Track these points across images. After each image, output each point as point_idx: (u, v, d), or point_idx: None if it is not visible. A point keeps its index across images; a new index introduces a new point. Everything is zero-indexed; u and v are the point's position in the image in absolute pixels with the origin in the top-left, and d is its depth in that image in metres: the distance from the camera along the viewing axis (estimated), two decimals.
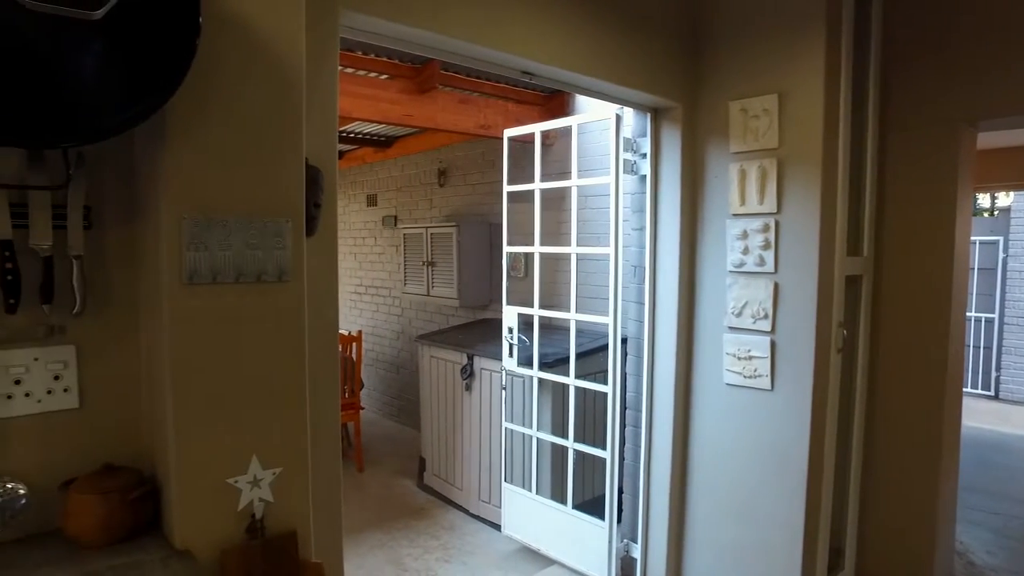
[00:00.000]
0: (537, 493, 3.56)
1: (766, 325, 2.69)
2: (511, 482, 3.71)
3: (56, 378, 1.36)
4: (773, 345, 2.68)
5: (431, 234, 5.04)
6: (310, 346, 1.42)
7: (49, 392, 1.35)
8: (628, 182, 3.15)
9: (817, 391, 2.58)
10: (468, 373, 4.05)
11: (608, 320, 3.14)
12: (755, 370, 2.72)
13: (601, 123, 3.77)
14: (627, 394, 3.26)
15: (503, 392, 3.73)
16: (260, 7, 1.30)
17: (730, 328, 2.83)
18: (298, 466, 1.39)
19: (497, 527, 3.87)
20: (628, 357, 3.24)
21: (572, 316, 3.32)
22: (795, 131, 2.58)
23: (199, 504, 1.29)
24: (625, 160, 3.06)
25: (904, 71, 2.87)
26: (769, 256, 2.67)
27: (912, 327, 2.91)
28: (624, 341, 3.21)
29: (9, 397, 1.31)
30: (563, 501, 3.42)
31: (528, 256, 4.43)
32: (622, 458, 3.26)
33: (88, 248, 1.35)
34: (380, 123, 4.49)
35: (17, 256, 1.27)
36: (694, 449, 3.04)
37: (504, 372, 3.69)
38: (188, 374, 1.26)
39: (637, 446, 3.20)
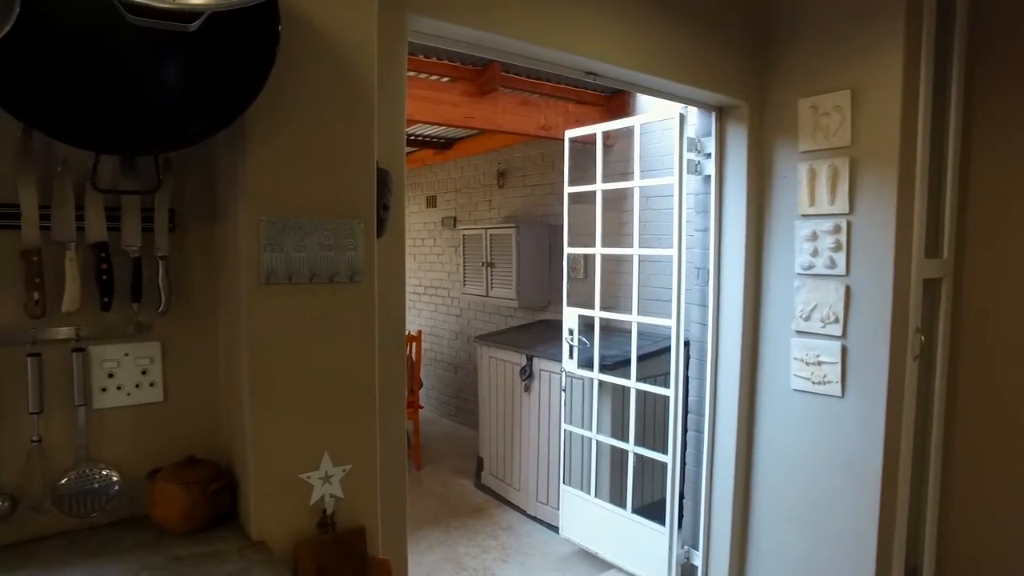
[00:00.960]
0: (596, 496, 3.53)
1: (836, 329, 2.59)
2: (569, 484, 3.70)
3: (143, 373, 1.43)
4: (844, 350, 2.58)
5: (491, 235, 5.07)
6: (378, 345, 1.45)
7: (137, 386, 1.43)
8: (692, 182, 3.10)
9: (892, 400, 2.47)
10: (527, 374, 4.06)
11: (670, 322, 3.09)
12: (824, 376, 2.63)
13: (663, 123, 3.72)
14: (689, 398, 3.20)
15: (563, 394, 3.72)
16: (335, 15, 1.34)
17: (798, 332, 2.74)
18: (367, 463, 1.43)
19: (554, 529, 3.86)
20: (690, 360, 3.19)
21: (634, 318, 3.29)
22: (869, 128, 2.48)
23: (274, 498, 1.34)
24: (689, 160, 3.01)
25: (992, 62, 2.72)
26: (840, 258, 2.57)
27: (1001, 332, 2.74)
28: (686, 344, 3.16)
29: (103, 390, 1.39)
30: (622, 505, 3.38)
31: (588, 258, 4.40)
32: (683, 463, 3.21)
33: (172, 249, 1.42)
34: (441, 125, 4.55)
35: (111, 257, 1.35)
36: (758, 455, 2.96)
37: (564, 374, 3.68)
38: (265, 372, 1.31)
39: (699, 451, 3.14)
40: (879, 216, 2.46)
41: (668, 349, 3.14)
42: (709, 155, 3.01)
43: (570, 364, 3.61)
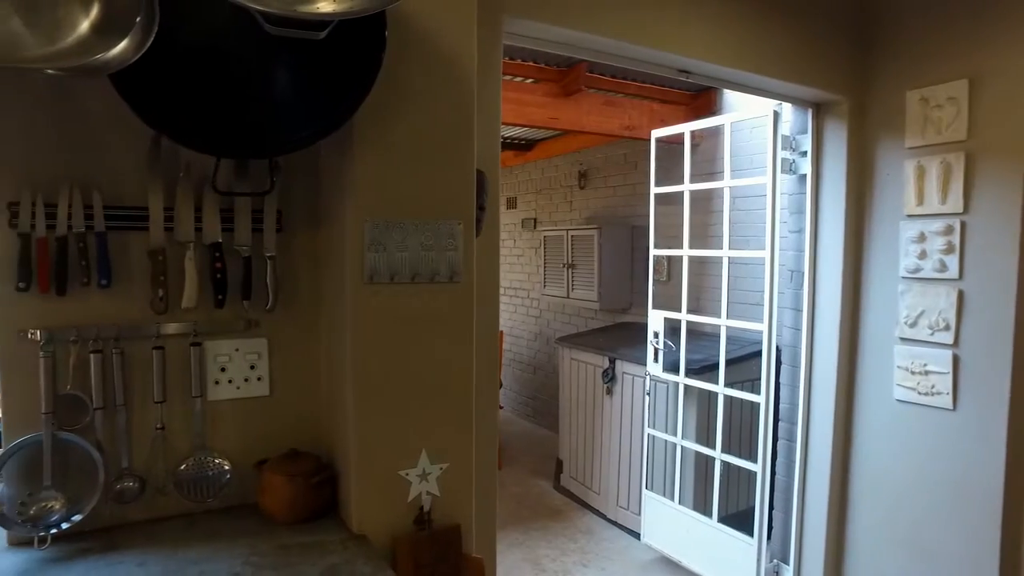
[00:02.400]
0: (679, 503, 3.45)
1: (947, 337, 2.43)
2: (652, 490, 3.63)
3: (252, 367, 1.51)
4: (956, 360, 2.41)
5: (572, 236, 5.05)
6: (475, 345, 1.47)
7: (246, 380, 1.51)
8: (785, 182, 2.98)
9: (1015, 413, 2.29)
10: (609, 377, 4.01)
11: (761, 327, 2.99)
12: (932, 386, 2.47)
13: (752, 121, 3.60)
14: (780, 405, 3.08)
15: (646, 397, 3.66)
16: (436, 18, 1.37)
17: (902, 339, 2.59)
18: (463, 462, 1.45)
19: (635, 534, 3.80)
20: (782, 366, 3.07)
21: (723, 322, 3.19)
22: (991, 120, 2.30)
23: (374, 493, 1.38)
24: (783, 159, 2.90)
25: None
26: (952, 261, 2.41)
27: None
28: (777, 349, 3.04)
29: (216, 382, 1.47)
30: (707, 513, 3.29)
31: (671, 259, 4.32)
32: (773, 472, 3.09)
33: (280, 249, 1.48)
34: (524, 126, 4.56)
35: (225, 257, 1.43)
36: (856, 467, 2.81)
37: (648, 377, 3.62)
38: (367, 369, 1.35)
39: (791, 461, 3.02)
40: (1001, 216, 2.28)
41: (756, 354, 3.04)
42: (804, 153, 2.89)
43: (655, 367, 3.54)
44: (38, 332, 1.27)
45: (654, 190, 3.60)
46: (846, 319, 2.78)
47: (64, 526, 1.27)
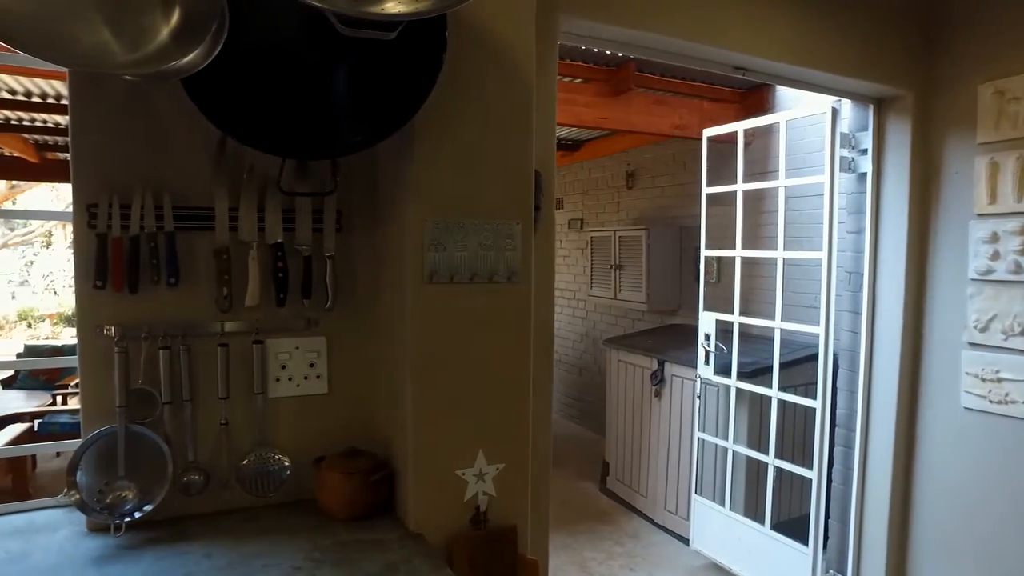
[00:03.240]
0: (730, 508, 3.38)
1: (1022, 343, 2.31)
2: (701, 495, 3.57)
3: (311, 365, 1.54)
4: None
5: (619, 237, 5.01)
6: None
7: (305, 377, 1.53)
8: (844, 181, 2.90)
9: None
10: (658, 379, 3.96)
11: (817, 330, 2.90)
12: (1006, 395, 2.36)
13: (806, 119, 3.50)
14: (837, 411, 2.98)
15: (696, 401, 3.60)
16: (496, 19, 1.37)
17: (971, 344, 2.48)
18: (520, 463, 1.44)
19: (683, 540, 3.74)
20: (838, 370, 2.97)
21: (777, 324, 3.11)
22: None
23: (431, 492, 1.39)
24: (842, 157, 2.81)
25: None
26: None
27: None
28: (834, 353, 2.95)
29: (277, 380, 1.50)
30: (760, 520, 3.21)
31: (720, 260, 4.24)
32: (829, 480, 3.00)
33: (339, 249, 1.50)
34: (573, 127, 4.54)
35: (286, 256, 1.46)
36: (920, 477, 2.70)
37: (699, 380, 3.55)
38: (426, 368, 1.36)
39: (848, 468, 2.92)
40: None
41: (809, 358, 2.95)
42: (864, 151, 2.79)
43: (706, 370, 3.48)
44: (113, 328, 1.32)
45: (706, 190, 3.53)
46: (909, 323, 2.68)
47: (137, 515, 1.32)
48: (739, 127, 3.30)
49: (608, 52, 3.02)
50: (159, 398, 1.37)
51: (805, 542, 2.95)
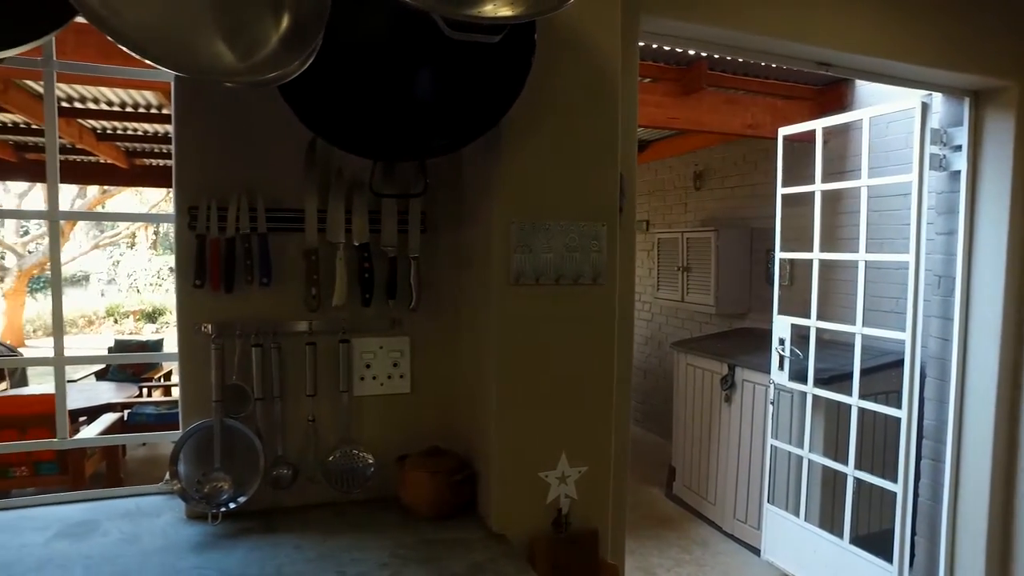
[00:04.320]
0: (805, 519, 3.26)
1: None
2: (774, 504, 3.46)
3: (395, 365, 1.56)
4: None
5: (687, 239, 4.91)
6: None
7: (389, 377, 1.56)
8: (934, 180, 2.75)
9: None
10: (729, 384, 3.86)
11: (902, 336, 2.77)
12: None
13: (889, 116, 3.34)
14: (923, 421, 2.84)
15: (770, 407, 3.49)
16: (582, 20, 1.35)
17: None
18: (601, 466, 1.43)
19: (754, 550, 3.63)
20: (925, 379, 2.83)
21: (858, 330, 2.98)
22: None
23: (514, 493, 1.39)
24: (932, 155, 2.67)
25: None
26: None
27: None
28: (921, 361, 2.80)
29: (362, 378, 1.53)
30: (837, 533, 3.09)
31: (793, 263, 4.10)
32: (915, 494, 2.85)
33: (423, 250, 1.52)
34: (642, 127, 4.48)
35: (372, 257, 1.48)
36: None
37: (772, 386, 3.44)
38: (510, 369, 1.36)
39: (937, 483, 2.77)
40: None
41: (891, 365, 2.82)
42: (958, 148, 2.64)
43: (780, 376, 3.37)
44: (210, 326, 1.38)
45: (781, 191, 3.42)
46: (1009, 329, 2.52)
47: (232, 505, 1.37)
48: (818, 125, 3.18)
49: (679, 50, 2.96)
50: (251, 394, 1.42)
51: (888, 558, 2.81)
